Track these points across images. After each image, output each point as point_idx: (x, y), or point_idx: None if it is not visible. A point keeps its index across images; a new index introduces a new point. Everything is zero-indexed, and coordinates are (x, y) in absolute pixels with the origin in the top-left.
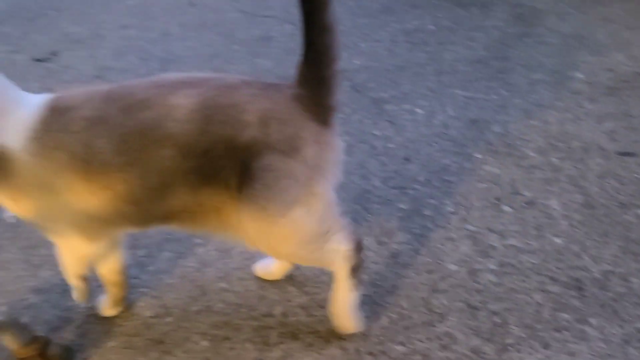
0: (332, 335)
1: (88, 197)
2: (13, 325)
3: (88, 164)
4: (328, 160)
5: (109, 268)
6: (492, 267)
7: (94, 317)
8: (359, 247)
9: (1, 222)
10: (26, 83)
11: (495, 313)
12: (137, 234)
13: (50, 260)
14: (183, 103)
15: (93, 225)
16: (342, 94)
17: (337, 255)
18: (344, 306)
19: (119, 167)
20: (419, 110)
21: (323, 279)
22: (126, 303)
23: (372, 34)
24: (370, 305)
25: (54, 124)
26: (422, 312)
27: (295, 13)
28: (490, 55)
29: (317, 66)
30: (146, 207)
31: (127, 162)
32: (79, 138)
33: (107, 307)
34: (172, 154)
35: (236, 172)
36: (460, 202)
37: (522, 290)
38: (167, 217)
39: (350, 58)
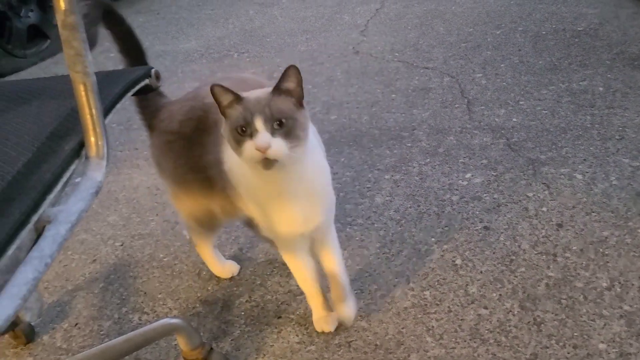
0: None
1: None
2: (188, 328)
3: None
4: None
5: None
6: None
7: (248, 334)
8: None
9: (181, 237)
10: None
11: None
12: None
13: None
14: None
15: None
16: (496, 151)
17: None
18: None
19: None
20: (578, 176)
21: (461, 335)
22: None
23: (534, 92)
24: None
25: None
26: None
27: (455, 66)
28: None
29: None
30: None
31: None
32: None
33: (317, 321)
34: None
35: None
36: (617, 279)
37: None
38: None
39: (508, 115)
